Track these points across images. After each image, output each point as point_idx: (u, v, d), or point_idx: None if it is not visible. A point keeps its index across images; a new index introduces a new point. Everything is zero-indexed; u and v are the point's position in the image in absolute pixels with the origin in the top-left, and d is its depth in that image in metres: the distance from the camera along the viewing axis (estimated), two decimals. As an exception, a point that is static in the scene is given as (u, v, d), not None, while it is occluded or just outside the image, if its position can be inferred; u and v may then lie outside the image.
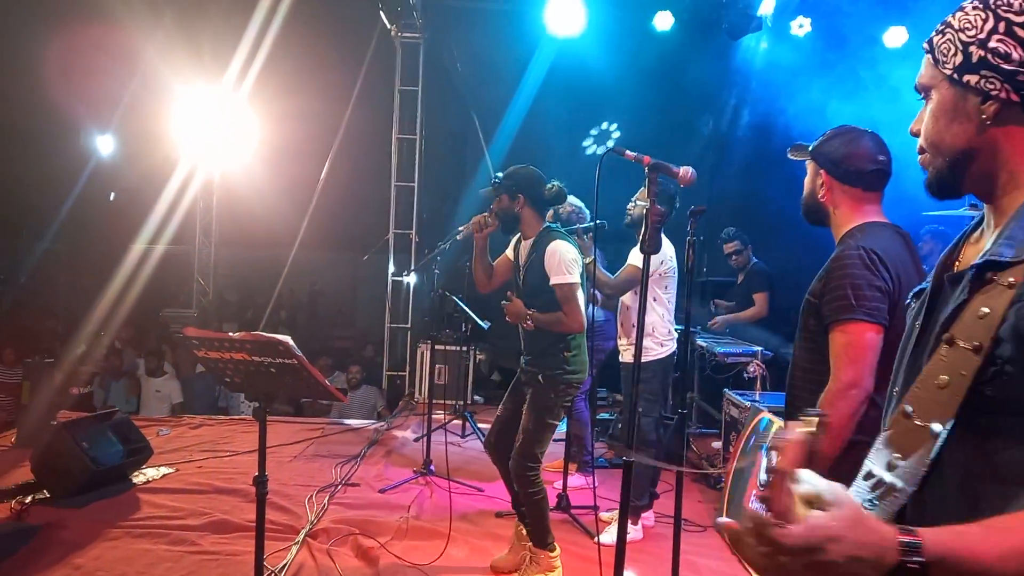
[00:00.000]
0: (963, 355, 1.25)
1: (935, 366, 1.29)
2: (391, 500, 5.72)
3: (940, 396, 1.26)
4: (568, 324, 4.20)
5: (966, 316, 1.28)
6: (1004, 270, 1.27)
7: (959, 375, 1.25)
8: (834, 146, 2.62)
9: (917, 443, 1.28)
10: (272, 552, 4.56)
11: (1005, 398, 1.22)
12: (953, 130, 1.38)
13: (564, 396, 4.31)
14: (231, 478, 5.85)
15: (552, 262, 4.19)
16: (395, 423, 8.09)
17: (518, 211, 4.35)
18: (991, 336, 1.23)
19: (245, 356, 3.45)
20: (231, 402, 9.47)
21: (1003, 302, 1.24)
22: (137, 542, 4.78)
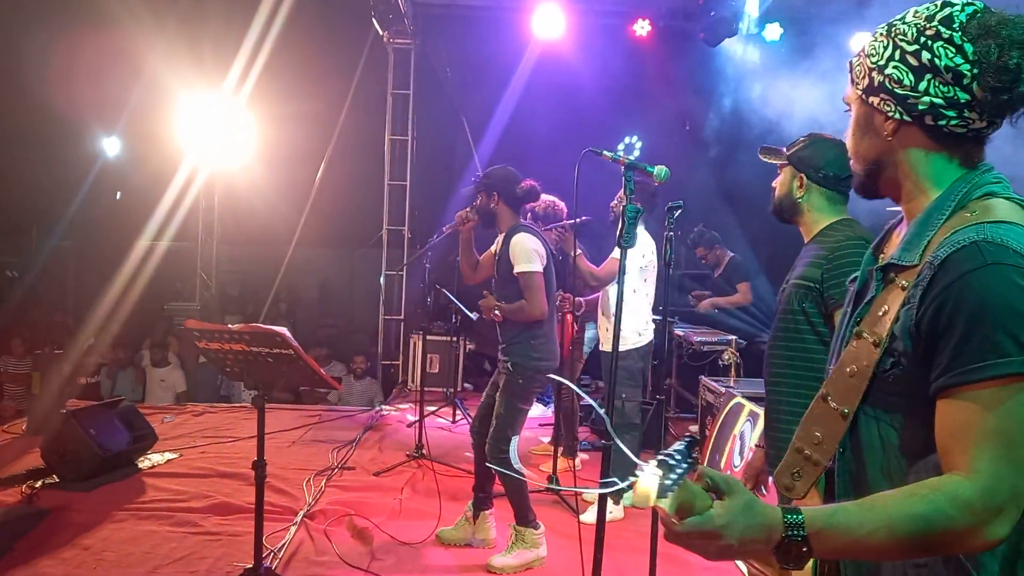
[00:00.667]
0: (867, 347, 1.38)
1: (847, 355, 1.42)
2: (385, 483, 5.71)
3: (849, 383, 1.40)
4: (529, 311, 4.28)
5: (872, 311, 1.40)
6: (901, 272, 1.38)
7: (863, 365, 1.38)
8: (812, 152, 2.74)
9: (832, 423, 1.42)
10: (271, 532, 4.55)
11: (902, 386, 1.35)
12: (865, 143, 1.48)
13: (533, 382, 4.38)
14: (232, 463, 5.83)
15: (515, 252, 4.30)
16: (389, 410, 8.08)
17: (494, 208, 4.45)
18: (887, 332, 1.35)
19: (244, 347, 3.46)
20: (232, 391, 9.45)
21: (897, 302, 1.35)
22: (142, 524, 4.77)
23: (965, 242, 1.28)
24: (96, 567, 4.18)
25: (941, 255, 1.29)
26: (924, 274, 1.31)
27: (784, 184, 2.79)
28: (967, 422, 1.24)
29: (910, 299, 1.32)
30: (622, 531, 4.86)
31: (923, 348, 1.30)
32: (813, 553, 1.21)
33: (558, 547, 4.61)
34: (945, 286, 1.27)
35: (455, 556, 4.52)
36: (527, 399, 4.42)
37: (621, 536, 4.74)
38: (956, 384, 1.25)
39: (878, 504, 1.23)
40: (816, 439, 1.44)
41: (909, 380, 1.33)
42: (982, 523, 1.19)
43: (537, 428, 7.53)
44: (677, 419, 7.48)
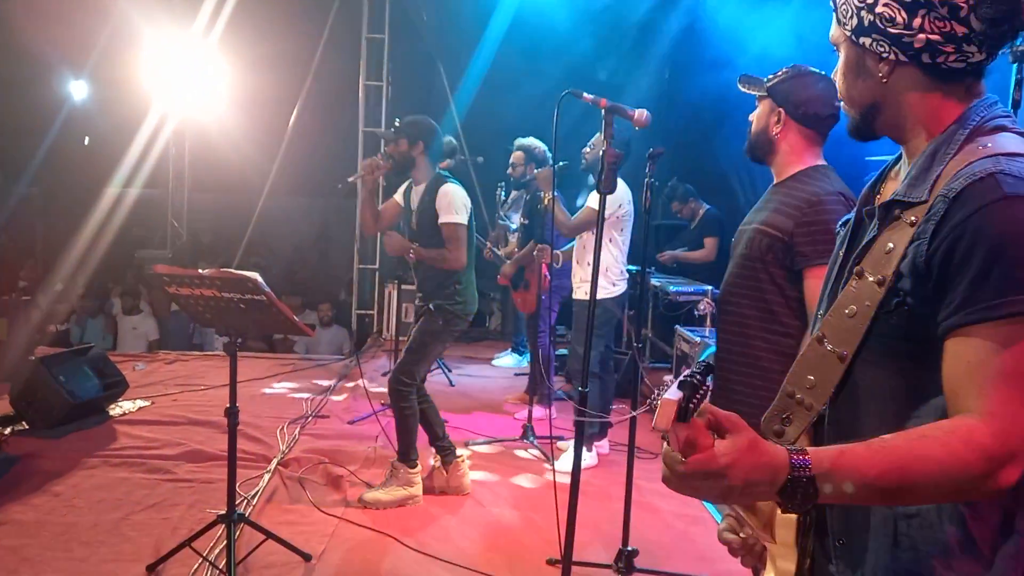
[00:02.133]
0: (869, 287, 1.31)
1: (846, 296, 1.35)
2: (359, 431, 5.70)
3: (848, 324, 1.33)
4: (450, 262, 4.33)
5: (874, 250, 1.33)
6: (908, 209, 1.31)
7: (864, 305, 1.31)
8: (794, 86, 2.53)
9: (828, 366, 1.36)
10: (245, 480, 4.53)
11: (906, 326, 1.28)
12: (859, 86, 1.41)
13: (452, 325, 4.43)
14: (205, 411, 5.79)
15: (443, 202, 4.31)
16: (363, 358, 8.04)
17: (415, 156, 4.43)
18: (893, 270, 1.28)
19: (215, 292, 3.39)
20: (205, 339, 9.37)
21: (905, 239, 1.28)
22: (114, 471, 4.73)
23: (982, 174, 1.21)
24: (67, 513, 4.14)
25: (956, 187, 1.22)
26: (937, 208, 1.24)
27: (761, 118, 2.61)
28: (981, 362, 1.17)
29: (920, 234, 1.25)
30: (596, 478, 4.89)
31: (933, 285, 1.23)
32: (819, 496, 1.15)
33: (533, 495, 4.63)
34: (962, 219, 1.20)
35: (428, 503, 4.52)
36: (442, 340, 4.51)
37: (593, 483, 4.76)
38: (971, 322, 1.18)
39: (888, 446, 1.17)
40: (810, 383, 1.38)
41: (914, 320, 1.27)
42: (997, 468, 1.14)
43: (513, 378, 7.53)
44: (652, 369, 7.50)
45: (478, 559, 3.84)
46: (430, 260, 4.36)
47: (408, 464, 4.46)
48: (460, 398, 6.79)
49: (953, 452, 1.14)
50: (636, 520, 3.74)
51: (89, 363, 5.77)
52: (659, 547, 3.97)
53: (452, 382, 7.30)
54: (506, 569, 3.76)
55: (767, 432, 1.40)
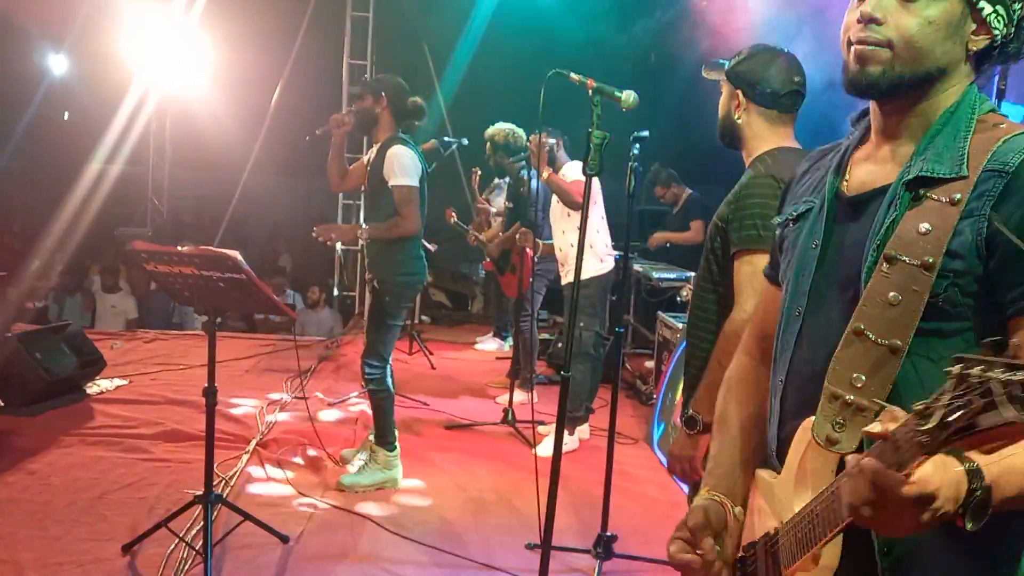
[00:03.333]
0: (910, 271, 1.21)
1: (881, 283, 1.24)
2: (340, 412, 5.67)
3: (893, 313, 1.23)
4: (404, 227, 4.21)
5: (903, 233, 1.24)
6: (939, 186, 1.23)
7: (911, 291, 1.21)
8: (750, 67, 2.44)
9: (879, 361, 1.24)
10: (223, 460, 4.50)
11: (957, 309, 1.22)
12: (945, 47, 1.27)
13: (401, 298, 4.37)
14: (183, 390, 5.74)
15: (391, 165, 4.18)
16: (345, 340, 8.00)
17: (378, 112, 4.33)
18: (941, 251, 1.20)
19: (194, 270, 3.35)
20: (185, 318, 9.29)
21: (948, 218, 1.21)
22: (91, 449, 4.68)
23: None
24: (42, 491, 4.10)
25: (1013, 161, 1.18)
26: (990, 184, 1.19)
27: (724, 104, 2.52)
28: None
29: (973, 211, 1.19)
30: (577, 463, 4.88)
31: (996, 265, 1.18)
32: (991, 508, 1.03)
33: (516, 480, 4.62)
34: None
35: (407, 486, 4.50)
36: (396, 315, 4.41)
37: (576, 469, 4.75)
38: None
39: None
40: (857, 381, 1.25)
41: (962, 304, 1.22)
42: None
43: (495, 362, 7.52)
44: (634, 355, 7.51)
45: (457, 543, 3.83)
46: (384, 233, 4.23)
47: (386, 447, 4.43)
48: (442, 381, 6.77)
49: None
50: (615, 505, 3.74)
51: (66, 340, 5.71)
52: (638, 532, 3.97)
53: (433, 365, 7.27)
54: (485, 553, 3.75)
55: (819, 439, 1.28)
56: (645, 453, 5.25)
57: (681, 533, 1.47)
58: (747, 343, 1.70)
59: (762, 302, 1.70)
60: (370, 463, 4.44)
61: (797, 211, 1.49)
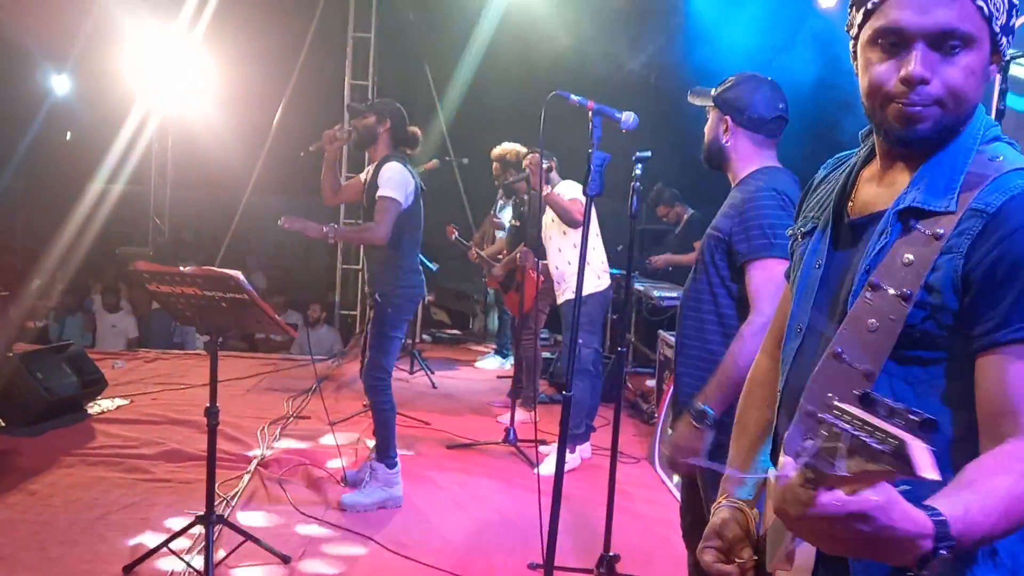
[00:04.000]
0: (890, 301, 1.25)
1: (862, 309, 1.28)
2: (341, 432, 5.66)
3: (870, 339, 1.26)
4: (373, 233, 4.27)
5: (889, 262, 1.27)
6: (926, 219, 1.26)
7: (888, 319, 1.24)
8: (738, 93, 2.58)
9: (850, 383, 1.26)
10: (224, 480, 4.50)
11: (934, 340, 1.25)
12: (978, 91, 1.29)
13: (402, 311, 4.43)
14: (184, 410, 5.74)
15: (383, 177, 4.28)
16: (346, 359, 8.00)
17: (379, 133, 4.42)
18: (919, 284, 1.23)
19: (196, 290, 3.36)
20: (186, 338, 9.30)
21: (929, 252, 1.24)
22: (91, 470, 4.68)
23: (1015, 191, 1.21)
24: (43, 512, 4.09)
25: (994, 203, 1.21)
26: (971, 223, 1.22)
27: (711, 128, 2.66)
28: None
29: (952, 248, 1.23)
30: (578, 482, 4.88)
31: (969, 301, 1.22)
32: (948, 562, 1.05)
33: (518, 499, 4.61)
34: (1005, 236, 1.19)
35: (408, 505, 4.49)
36: (398, 327, 4.46)
37: (577, 488, 4.75)
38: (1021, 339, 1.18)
39: (982, 488, 1.10)
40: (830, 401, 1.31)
41: (939, 335, 1.25)
42: None
43: (496, 381, 7.52)
44: (635, 374, 7.51)
45: (459, 563, 3.82)
46: (352, 234, 4.31)
47: (387, 464, 4.43)
48: (443, 400, 6.77)
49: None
50: (618, 525, 3.72)
51: (68, 360, 5.71)
52: (641, 552, 3.96)
53: (435, 384, 7.27)
54: (487, 573, 3.75)
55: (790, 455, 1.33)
56: (647, 472, 5.25)
57: (714, 543, 1.49)
58: (767, 345, 1.73)
59: (782, 304, 1.71)
60: (371, 481, 4.43)
61: (805, 227, 1.51)
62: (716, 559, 1.47)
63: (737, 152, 2.59)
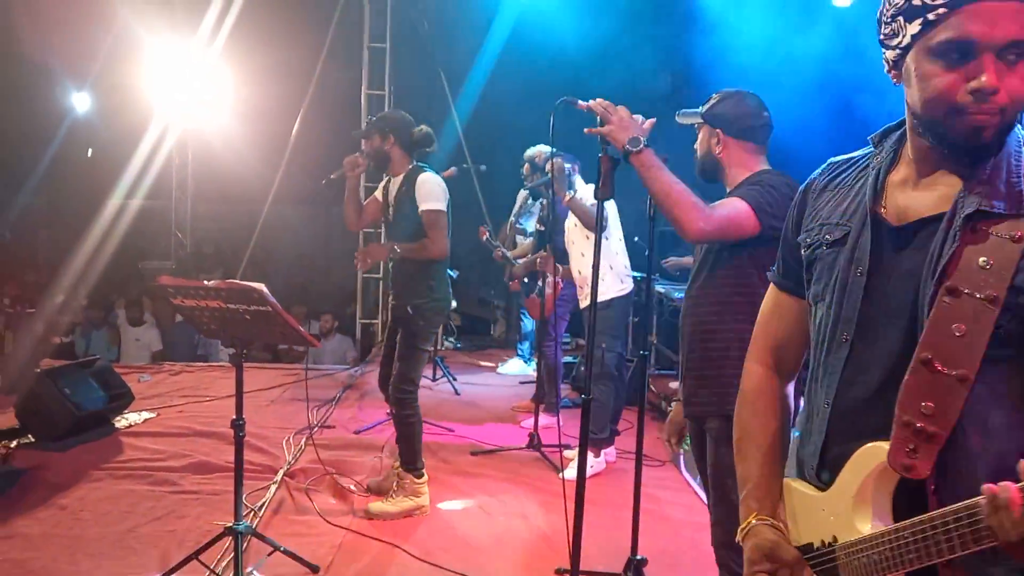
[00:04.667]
0: (975, 304, 1.27)
1: (944, 315, 1.29)
2: (365, 441, 5.70)
3: (960, 344, 1.28)
4: (431, 249, 4.30)
5: (964, 266, 1.29)
6: (1000, 222, 1.28)
7: (976, 323, 1.27)
8: (726, 107, 2.77)
9: (947, 390, 1.29)
10: (251, 491, 4.53)
11: (1020, 340, 1.28)
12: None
13: (432, 324, 4.47)
14: (211, 422, 5.79)
15: (422, 191, 4.30)
16: (369, 368, 8.04)
17: (388, 150, 4.44)
18: (1006, 286, 1.26)
19: (220, 304, 3.40)
20: (210, 350, 9.37)
21: (1010, 254, 1.27)
22: (120, 483, 4.73)
23: None
24: (73, 526, 4.14)
25: None
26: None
27: (703, 143, 2.83)
28: None
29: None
30: (604, 486, 4.88)
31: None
32: None
33: (542, 504, 4.62)
34: None
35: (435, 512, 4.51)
36: (428, 340, 4.52)
37: (603, 492, 4.75)
38: None
39: None
40: (927, 409, 1.30)
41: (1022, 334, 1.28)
42: None
43: (518, 387, 7.53)
44: (658, 376, 7.50)
45: (485, 569, 3.83)
46: (414, 253, 4.32)
47: (414, 474, 4.44)
48: (466, 407, 6.79)
49: None
50: (644, 528, 3.72)
51: (94, 375, 5.77)
52: (668, 555, 3.96)
53: (458, 391, 7.29)
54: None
55: (895, 466, 1.33)
56: (672, 475, 5.24)
57: (763, 566, 1.49)
58: (759, 352, 1.71)
59: (773, 311, 1.70)
60: (397, 491, 4.45)
61: (832, 236, 1.49)
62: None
63: (731, 160, 2.77)
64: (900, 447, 1.31)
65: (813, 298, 1.53)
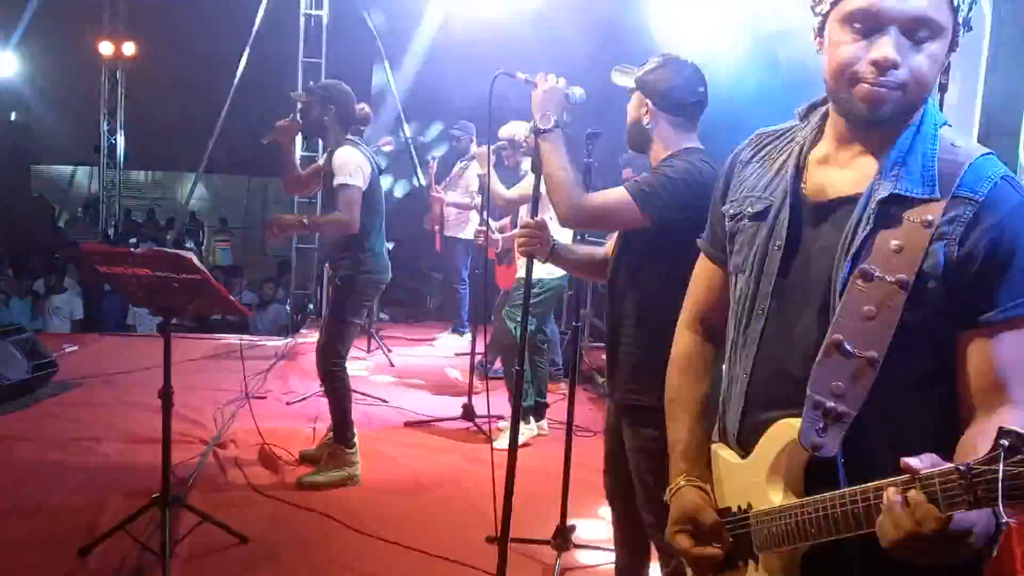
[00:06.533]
0: (886, 288, 1.29)
1: (857, 298, 1.31)
2: (298, 411, 5.66)
3: (870, 327, 1.30)
4: (341, 225, 4.24)
5: (876, 250, 1.31)
6: (913, 206, 1.30)
7: (886, 307, 1.29)
8: (659, 77, 2.61)
9: (857, 370, 1.31)
10: (180, 461, 4.45)
11: (928, 324, 1.31)
12: (936, 79, 1.35)
13: (364, 296, 4.43)
14: (139, 393, 5.67)
15: (337, 163, 4.25)
16: (302, 339, 7.96)
17: (325, 120, 4.37)
18: (914, 271, 1.28)
19: (148, 271, 3.32)
20: (139, 320, 9.20)
21: (920, 239, 1.29)
22: (44, 454, 4.62)
23: (995, 178, 1.30)
24: (-5, 498, 4.04)
25: (981, 190, 1.29)
26: (961, 209, 1.29)
27: (634, 110, 2.68)
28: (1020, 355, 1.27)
29: (945, 235, 1.29)
30: (534, 457, 4.93)
31: (963, 285, 1.28)
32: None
33: (473, 474, 4.65)
34: (996, 222, 1.27)
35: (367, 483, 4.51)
36: (357, 312, 4.48)
37: (535, 462, 4.80)
38: (1016, 317, 1.27)
39: None
40: (837, 390, 1.32)
41: (932, 320, 1.31)
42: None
43: (454, 358, 7.54)
44: (591, 348, 7.57)
45: (417, 539, 3.84)
46: (324, 227, 4.30)
47: (346, 444, 4.43)
48: (400, 378, 6.78)
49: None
50: (574, 496, 3.78)
51: (17, 344, 5.63)
52: (597, 521, 4.02)
53: (392, 362, 7.28)
54: (446, 548, 3.77)
55: (804, 445, 1.35)
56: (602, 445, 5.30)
57: (686, 526, 1.52)
58: (689, 319, 1.74)
59: (703, 278, 1.72)
60: (328, 461, 4.43)
61: (753, 208, 1.50)
62: (693, 543, 1.51)
63: (658, 134, 2.63)
64: (810, 426, 1.34)
65: (734, 268, 1.55)
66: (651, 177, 2.53)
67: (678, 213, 2.44)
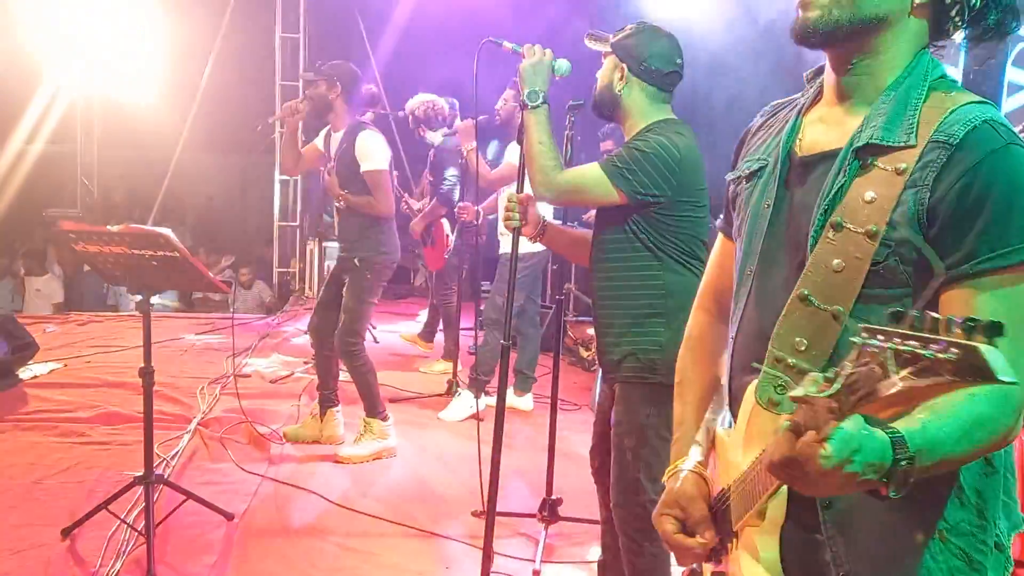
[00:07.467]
0: (855, 240, 1.22)
1: (826, 250, 1.25)
2: (282, 390, 5.64)
3: (837, 280, 1.24)
4: (377, 208, 4.37)
5: (850, 200, 1.24)
6: (887, 154, 1.23)
7: (855, 259, 1.22)
8: (637, 43, 2.55)
9: (821, 326, 1.25)
10: (164, 441, 4.43)
11: (899, 276, 1.22)
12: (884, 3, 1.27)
13: (381, 276, 4.52)
14: (120, 372, 5.63)
15: (363, 150, 4.33)
16: (285, 317, 7.92)
17: (332, 100, 4.42)
18: (885, 221, 1.21)
19: (125, 249, 3.27)
20: (120, 300, 9.12)
21: (892, 187, 1.22)
22: (26, 435, 4.59)
23: (976, 121, 1.19)
24: (-24, 480, 4.00)
25: (957, 133, 1.19)
26: (934, 154, 1.19)
27: (605, 75, 2.61)
28: (996, 311, 1.13)
29: (916, 182, 1.20)
30: (520, 431, 4.93)
31: (936, 234, 1.19)
32: (912, 477, 1.03)
33: (458, 449, 4.65)
34: (970, 166, 1.17)
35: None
36: (375, 292, 4.55)
37: (520, 435, 4.80)
38: (990, 269, 1.16)
39: (945, 410, 1.06)
40: (800, 345, 1.26)
41: (904, 271, 1.22)
42: (1020, 418, 1.12)
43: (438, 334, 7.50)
44: (576, 322, 7.57)
45: (403, 513, 3.84)
46: (359, 207, 4.38)
47: (379, 417, 4.50)
48: (384, 355, 6.75)
49: (995, 406, 1.09)
50: (560, 470, 3.78)
51: (-7, 325, 5.56)
52: (583, 495, 4.01)
53: (376, 339, 7.25)
54: (431, 522, 3.78)
55: (761, 402, 1.30)
56: (588, 418, 5.30)
57: (675, 511, 1.46)
58: (703, 298, 1.69)
59: (717, 256, 1.67)
60: (366, 434, 4.50)
61: (750, 168, 1.47)
62: (677, 530, 1.45)
63: (633, 102, 2.57)
64: (769, 384, 1.29)
65: (735, 234, 1.51)
66: (625, 152, 2.47)
67: (653, 189, 2.42)
